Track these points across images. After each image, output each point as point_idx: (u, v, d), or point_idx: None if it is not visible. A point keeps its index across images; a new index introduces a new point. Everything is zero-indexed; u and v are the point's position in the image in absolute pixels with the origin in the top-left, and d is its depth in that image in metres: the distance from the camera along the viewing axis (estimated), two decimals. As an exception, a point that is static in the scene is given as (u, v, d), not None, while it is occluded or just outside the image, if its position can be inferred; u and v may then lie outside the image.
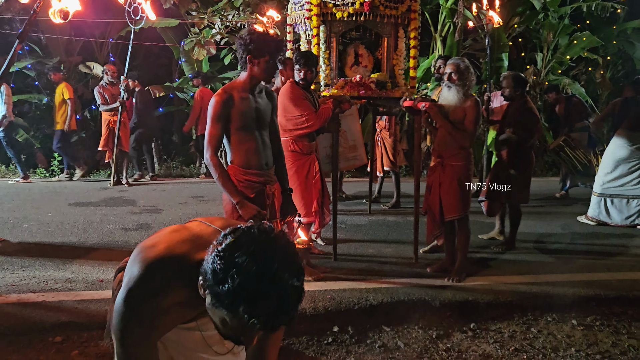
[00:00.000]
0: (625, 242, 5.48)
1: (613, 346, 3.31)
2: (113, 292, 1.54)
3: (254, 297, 1.13)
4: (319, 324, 3.46)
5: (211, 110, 2.91)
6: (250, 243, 1.16)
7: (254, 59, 2.93)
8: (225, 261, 1.14)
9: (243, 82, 3.01)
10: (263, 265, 1.13)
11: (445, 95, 4.12)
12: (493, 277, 4.29)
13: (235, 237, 1.18)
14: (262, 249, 1.16)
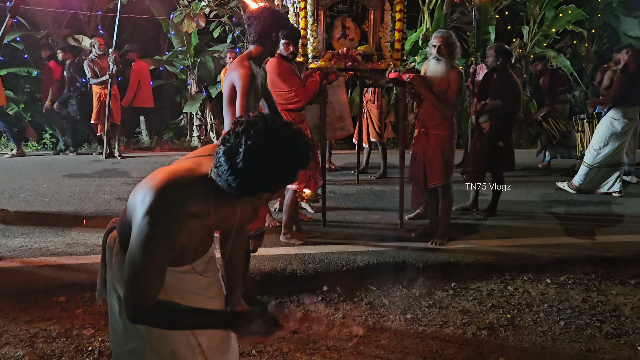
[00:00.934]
0: (601, 209, 5.74)
1: (583, 302, 3.56)
2: (105, 251, 1.64)
3: (274, 177, 1.33)
4: (309, 284, 3.67)
5: (242, 83, 2.99)
6: (261, 121, 1.32)
7: (269, 34, 3.09)
8: (244, 158, 1.29)
9: (256, 55, 3.15)
10: (272, 146, 1.30)
11: (433, 67, 4.26)
12: (474, 240, 4.52)
13: (242, 130, 1.32)
14: (273, 122, 1.34)
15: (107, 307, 1.70)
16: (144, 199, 1.37)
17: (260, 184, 1.34)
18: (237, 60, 3.12)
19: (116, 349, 1.69)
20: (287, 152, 1.32)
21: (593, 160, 6.25)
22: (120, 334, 1.63)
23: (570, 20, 10.84)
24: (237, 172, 1.31)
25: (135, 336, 1.59)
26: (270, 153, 1.30)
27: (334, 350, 2.90)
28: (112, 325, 1.68)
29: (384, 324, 3.22)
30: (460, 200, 5.53)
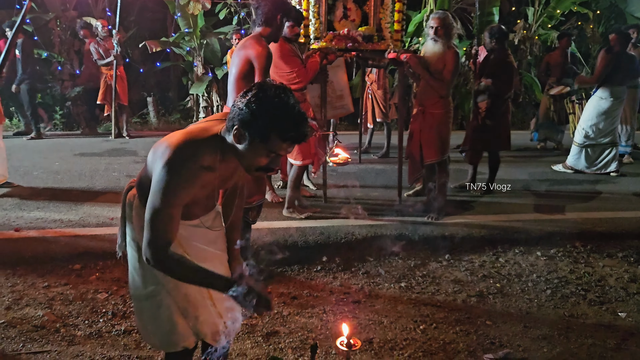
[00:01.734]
0: (596, 187, 5.88)
1: (570, 272, 3.74)
2: (125, 207, 1.84)
3: (284, 119, 1.55)
4: (309, 255, 3.88)
5: (262, 61, 3.17)
6: (269, 88, 1.58)
7: (275, 17, 3.26)
8: (258, 102, 1.54)
9: (265, 36, 3.31)
10: (284, 98, 1.56)
11: (431, 47, 4.40)
12: (469, 216, 4.70)
13: (257, 88, 1.58)
14: (278, 90, 1.58)
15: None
16: (163, 153, 1.59)
17: (263, 128, 1.56)
18: (253, 39, 3.26)
19: (135, 293, 1.90)
20: (290, 107, 1.57)
21: (582, 140, 6.39)
22: (139, 280, 1.85)
23: (575, 2, 10.81)
24: (248, 117, 1.54)
25: (153, 280, 1.81)
26: (276, 103, 1.55)
27: (330, 314, 3.10)
28: (131, 273, 1.89)
29: (379, 291, 3.41)
30: (457, 179, 5.70)
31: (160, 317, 1.83)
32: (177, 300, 1.81)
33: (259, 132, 1.56)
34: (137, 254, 1.81)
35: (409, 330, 2.93)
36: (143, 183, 1.74)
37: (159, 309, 1.82)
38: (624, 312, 3.18)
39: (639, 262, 3.92)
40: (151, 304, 1.84)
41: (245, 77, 3.24)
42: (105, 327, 2.88)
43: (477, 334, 2.90)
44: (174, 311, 1.82)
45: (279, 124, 1.55)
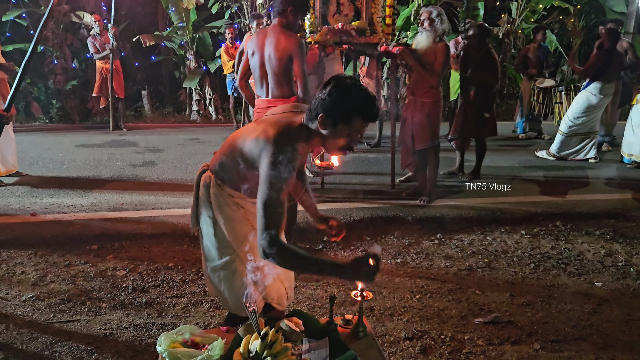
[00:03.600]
0: (576, 173, 6.23)
1: (552, 249, 4.05)
2: (199, 189, 2.07)
3: (363, 102, 1.81)
4: (311, 235, 4.14)
5: (301, 52, 3.43)
6: (346, 80, 1.84)
7: (293, 11, 3.48)
8: (339, 92, 1.80)
9: (279, 28, 3.51)
10: (358, 86, 1.83)
11: (420, 39, 4.69)
12: (458, 199, 5.01)
13: (335, 81, 1.84)
14: (353, 80, 1.85)
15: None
16: (265, 149, 1.80)
17: (346, 113, 1.80)
18: (283, 32, 3.47)
19: (212, 265, 2.12)
20: (365, 92, 1.83)
21: (567, 129, 6.73)
22: (215, 252, 2.09)
23: (557, -4, 11.19)
24: (332, 105, 1.80)
25: (228, 251, 2.06)
26: (355, 90, 1.81)
27: (333, 286, 3.37)
28: (207, 247, 2.12)
29: (377, 266, 3.69)
30: (447, 166, 6.01)
31: (236, 283, 2.07)
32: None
33: (343, 116, 1.81)
34: (213, 229, 2.05)
35: (406, 300, 3.21)
36: (225, 167, 2.00)
37: (234, 276, 2.07)
38: (599, 282, 3.49)
39: (614, 239, 4.24)
40: (227, 272, 2.08)
41: (287, 68, 3.46)
42: (127, 299, 3.12)
43: (467, 302, 3.19)
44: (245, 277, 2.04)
45: (359, 107, 1.80)
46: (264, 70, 3.53)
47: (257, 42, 3.55)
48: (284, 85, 3.51)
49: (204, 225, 2.10)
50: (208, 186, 2.04)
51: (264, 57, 3.49)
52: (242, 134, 1.98)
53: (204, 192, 2.06)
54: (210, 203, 2.04)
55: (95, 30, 8.58)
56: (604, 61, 6.35)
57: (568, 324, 2.93)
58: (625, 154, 6.63)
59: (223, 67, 8.73)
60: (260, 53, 3.51)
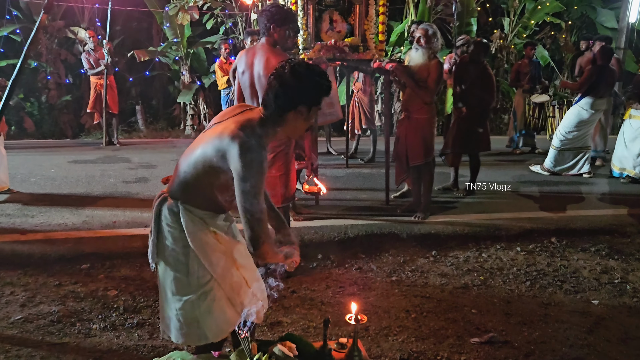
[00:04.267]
0: (571, 188, 6.24)
1: (547, 266, 4.03)
2: (160, 219, 1.95)
3: (318, 83, 1.85)
4: (305, 253, 4.08)
5: None
6: (296, 63, 1.88)
7: (277, 27, 3.46)
8: (293, 77, 1.83)
9: (268, 46, 3.48)
10: (314, 68, 1.88)
11: (414, 56, 4.70)
12: (453, 215, 4.99)
13: (289, 66, 1.87)
14: (301, 61, 1.92)
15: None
16: (232, 146, 1.76)
17: (298, 96, 1.84)
18: (272, 50, 3.43)
19: (186, 297, 1.94)
20: (317, 76, 1.87)
21: (560, 144, 6.76)
22: (188, 280, 1.93)
23: (548, 12, 11.32)
24: (283, 89, 1.83)
25: (205, 277, 1.93)
26: (305, 74, 1.84)
27: (328, 305, 3.33)
28: (176, 279, 1.95)
29: (372, 285, 3.65)
30: (441, 181, 6.00)
31: (215, 310, 1.95)
32: (226, 291, 1.97)
33: (306, 97, 1.85)
34: (186, 258, 1.92)
35: (402, 319, 3.17)
36: (189, 187, 1.90)
37: (214, 302, 1.94)
38: (596, 300, 3.47)
39: (609, 256, 4.23)
40: (206, 300, 1.94)
41: None
42: (118, 320, 3.06)
43: (463, 321, 3.15)
44: (225, 301, 1.96)
45: (314, 86, 1.85)
46: (254, 89, 3.51)
47: (247, 60, 3.55)
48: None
49: (170, 257, 1.95)
50: (177, 214, 1.91)
51: (253, 76, 3.48)
52: (198, 145, 1.90)
53: (172, 221, 1.93)
54: (179, 232, 1.92)
55: (90, 46, 8.58)
56: (596, 77, 6.40)
57: (565, 344, 2.90)
58: (615, 167, 6.66)
59: (217, 83, 8.73)
60: (250, 72, 3.50)
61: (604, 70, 6.47)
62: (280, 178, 3.52)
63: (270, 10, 3.47)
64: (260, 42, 3.56)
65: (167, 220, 1.93)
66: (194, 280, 1.93)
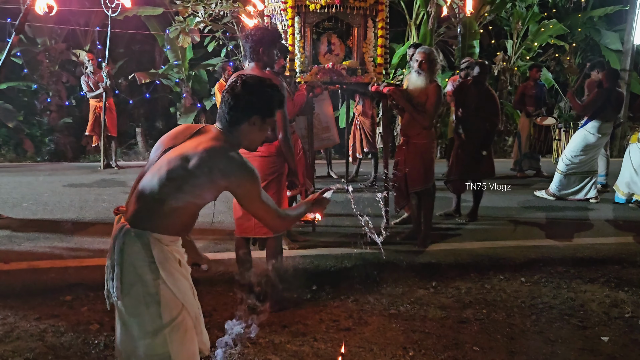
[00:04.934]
0: (576, 214, 6.06)
1: (554, 298, 3.83)
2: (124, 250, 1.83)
3: (272, 91, 2.00)
4: (300, 284, 3.93)
5: (283, 95, 3.27)
6: (249, 77, 1.99)
7: (265, 50, 3.36)
8: (251, 87, 1.95)
9: (258, 70, 3.38)
10: (265, 81, 2.01)
11: (414, 80, 4.59)
12: (454, 243, 4.81)
13: (242, 80, 1.96)
14: (254, 76, 2.02)
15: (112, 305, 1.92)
16: (216, 164, 1.83)
17: (250, 108, 1.93)
18: (264, 74, 3.26)
19: (156, 333, 1.85)
20: (268, 87, 1.99)
21: (565, 168, 6.59)
22: (159, 314, 1.83)
23: (552, 35, 11.26)
24: (238, 102, 1.92)
25: (176, 308, 1.86)
26: (255, 87, 1.95)
27: (321, 342, 3.14)
28: (143, 317, 1.85)
29: (368, 319, 3.47)
30: (443, 207, 5.83)
31: (187, 341, 1.91)
32: (192, 319, 1.94)
33: (258, 108, 1.94)
34: (157, 290, 1.82)
35: (399, 357, 2.98)
36: (154, 212, 1.83)
37: (186, 333, 1.91)
38: (606, 337, 3.26)
39: (619, 287, 4.03)
40: (179, 331, 1.88)
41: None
42: (98, 358, 2.89)
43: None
44: (192, 331, 1.94)
45: (269, 96, 1.97)
46: None
47: None
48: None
49: (140, 291, 1.83)
50: (146, 244, 1.81)
51: None
52: (163, 168, 1.84)
53: (140, 253, 1.82)
54: (149, 264, 1.82)
55: (89, 69, 8.54)
56: (603, 100, 6.26)
57: (573, 387, 2.70)
58: (621, 192, 6.46)
59: (217, 105, 8.67)
60: None
61: (611, 93, 6.32)
62: None
63: (256, 33, 3.36)
64: (250, 66, 3.45)
65: (134, 252, 1.82)
66: (167, 312, 1.84)
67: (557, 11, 12.47)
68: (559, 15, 12.20)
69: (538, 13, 11.52)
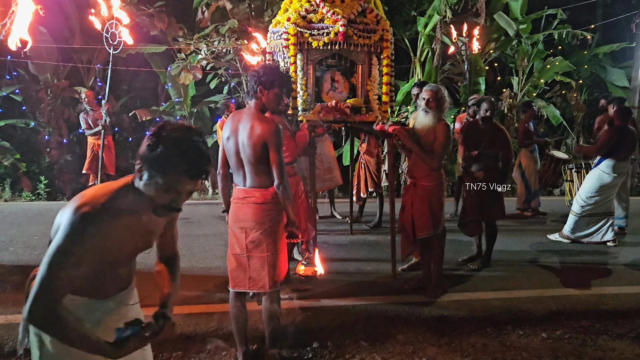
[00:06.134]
0: (595, 258, 5.69)
1: (579, 358, 3.47)
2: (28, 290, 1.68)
3: (182, 153, 1.63)
4: (300, 340, 3.58)
5: (279, 139, 3.02)
6: (169, 125, 1.68)
7: (264, 90, 3.13)
8: (157, 137, 1.63)
9: (260, 109, 3.15)
10: (183, 134, 1.66)
11: (422, 119, 4.34)
12: (467, 293, 4.45)
13: (159, 126, 1.68)
14: (178, 126, 1.69)
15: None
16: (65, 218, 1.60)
17: (162, 162, 1.62)
18: (258, 116, 3.09)
19: None
20: (189, 142, 1.66)
21: (581, 210, 6.27)
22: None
23: (558, 72, 11.14)
24: (149, 152, 1.63)
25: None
26: (176, 138, 1.64)
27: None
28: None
29: (375, 383, 3.12)
30: (455, 251, 5.50)
31: None
32: None
33: (158, 165, 1.62)
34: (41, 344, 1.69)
35: None
36: None
37: None
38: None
39: (651, 344, 3.67)
40: None
41: (263, 156, 3.05)
42: None
43: None
44: None
45: (177, 157, 1.63)
46: (239, 158, 3.13)
47: (232, 126, 3.18)
48: (261, 174, 3.09)
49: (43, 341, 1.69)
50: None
51: (238, 143, 3.11)
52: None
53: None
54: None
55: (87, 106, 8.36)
56: (616, 139, 6.00)
57: None
58: None
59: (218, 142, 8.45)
60: (235, 139, 3.14)
61: (624, 131, 6.07)
62: (267, 259, 3.06)
63: (259, 72, 3.16)
64: (248, 105, 3.22)
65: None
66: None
67: (562, 48, 12.39)
68: (564, 53, 12.12)
69: (543, 50, 11.43)
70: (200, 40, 9.44)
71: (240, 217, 3.11)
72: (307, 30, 4.63)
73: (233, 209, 3.21)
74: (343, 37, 4.57)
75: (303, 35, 4.60)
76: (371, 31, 4.70)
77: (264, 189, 3.09)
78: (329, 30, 4.59)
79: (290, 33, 4.60)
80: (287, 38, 4.63)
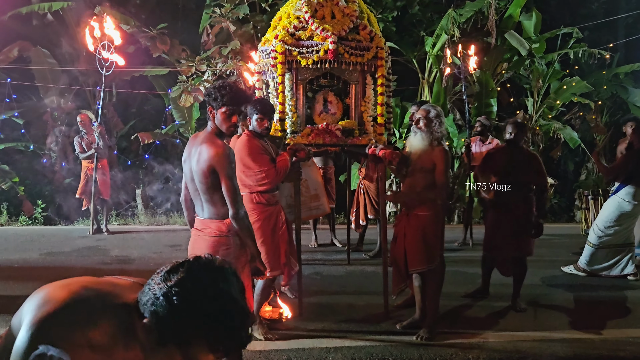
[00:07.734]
0: (613, 295, 5.19)
1: (591, 414, 3.02)
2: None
3: (216, 320, 1.16)
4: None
5: (228, 164, 2.72)
6: (202, 272, 1.19)
7: (213, 110, 2.83)
8: (184, 291, 1.15)
9: (217, 133, 2.85)
10: (221, 289, 1.18)
11: (412, 140, 4.02)
12: (466, 334, 4.00)
13: (185, 271, 1.19)
14: (215, 275, 1.19)
15: None
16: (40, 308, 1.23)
17: (182, 330, 1.17)
18: (209, 139, 2.79)
19: None
20: (229, 303, 1.20)
21: (598, 241, 5.76)
22: None
23: (575, 93, 10.67)
24: (164, 311, 1.16)
25: None
26: (209, 297, 1.17)
27: None
28: None
29: None
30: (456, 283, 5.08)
31: None
32: None
33: (176, 334, 1.17)
34: None
35: None
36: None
37: None
38: None
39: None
40: None
41: (215, 183, 2.74)
42: None
43: None
44: None
45: (206, 327, 1.17)
46: (194, 184, 2.83)
47: (187, 149, 2.89)
48: (217, 203, 2.77)
49: None
50: None
51: (192, 169, 2.81)
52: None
53: None
54: None
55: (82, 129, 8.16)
56: (635, 163, 5.54)
57: None
58: None
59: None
60: (189, 164, 2.84)
61: None
62: None
63: (209, 89, 2.86)
64: (206, 128, 2.93)
65: None
66: None
67: (580, 68, 11.93)
68: (582, 73, 11.65)
69: (559, 70, 11.00)
70: (202, 62, 9.29)
71: (196, 253, 2.78)
72: (295, 48, 4.35)
73: (191, 241, 2.90)
74: (333, 55, 4.27)
75: (291, 53, 4.33)
76: (364, 49, 4.39)
77: (219, 220, 2.77)
78: (318, 48, 4.31)
79: (278, 51, 4.34)
80: (274, 57, 4.37)
